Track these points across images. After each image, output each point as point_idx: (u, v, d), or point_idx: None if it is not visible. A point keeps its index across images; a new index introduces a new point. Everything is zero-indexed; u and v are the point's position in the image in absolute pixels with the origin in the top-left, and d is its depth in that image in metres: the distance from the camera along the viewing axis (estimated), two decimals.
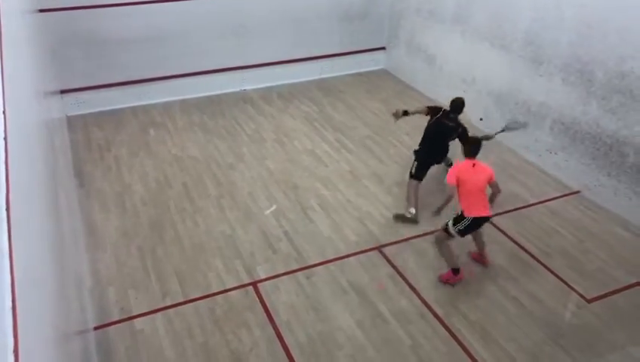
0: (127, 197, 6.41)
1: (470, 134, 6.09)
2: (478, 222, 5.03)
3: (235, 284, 5.19)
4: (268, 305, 4.96)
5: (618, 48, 5.95)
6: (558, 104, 6.81)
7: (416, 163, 6.23)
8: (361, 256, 5.61)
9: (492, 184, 5.06)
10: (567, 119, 6.72)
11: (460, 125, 6.13)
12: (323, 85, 9.65)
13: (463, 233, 5.05)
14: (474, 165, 5.02)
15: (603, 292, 5.18)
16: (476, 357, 4.50)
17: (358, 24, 9.82)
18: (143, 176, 6.83)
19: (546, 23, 6.77)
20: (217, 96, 8.99)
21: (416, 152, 6.37)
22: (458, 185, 4.97)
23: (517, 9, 7.19)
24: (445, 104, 8.79)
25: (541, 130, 7.09)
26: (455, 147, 6.21)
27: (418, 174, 6.18)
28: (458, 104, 6.20)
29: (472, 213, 4.96)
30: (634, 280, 5.33)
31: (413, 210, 6.05)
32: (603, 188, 6.41)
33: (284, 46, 9.33)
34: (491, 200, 5.13)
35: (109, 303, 4.94)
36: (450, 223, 5.07)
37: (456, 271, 5.18)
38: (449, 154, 6.50)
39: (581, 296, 5.15)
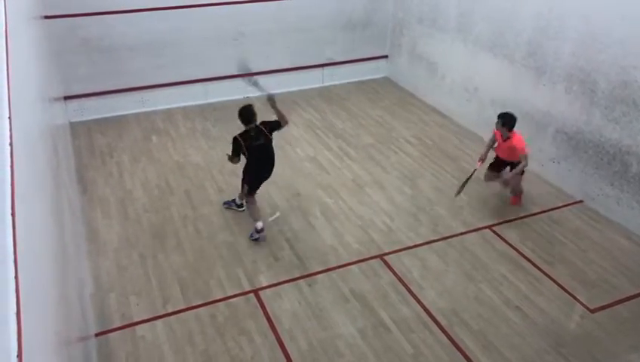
0: (130, 204, 6.42)
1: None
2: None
3: (237, 291, 5.18)
4: (269, 312, 4.95)
5: (621, 58, 5.96)
6: (561, 114, 6.82)
7: (247, 187, 5.83)
8: (363, 264, 5.60)
9: None
10: (571, 129, 6.72)
11: (265, 134, 5.68)
12: (326, 93, 9.68)
13: None
14: None
15: (606, 302, 5.16)
16: None
17: (361, 33, 9.87)
18: (145, 183, 6.84)
19: (549, 32, 6.79)
20: (220, 103, 9.01)
21: (244, 179, 5.89)
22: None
23: (520, 19, 7.21)
24: (447, 113, 8.87)
25: (544, 140, 7.09)
26: None
27: (252, 192, 5.88)
28: (246, 116, 5.60)
29: None
30: (637, 291, 5.31)
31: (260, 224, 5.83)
32: (606, 198, 6.40)
33: (287, 54, 9.37)
34: None
35: (111, 309, 4.93)
36: None
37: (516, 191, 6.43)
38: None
39: (584, 305, 5.13)
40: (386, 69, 10.38)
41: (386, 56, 10.30)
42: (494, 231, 6.13)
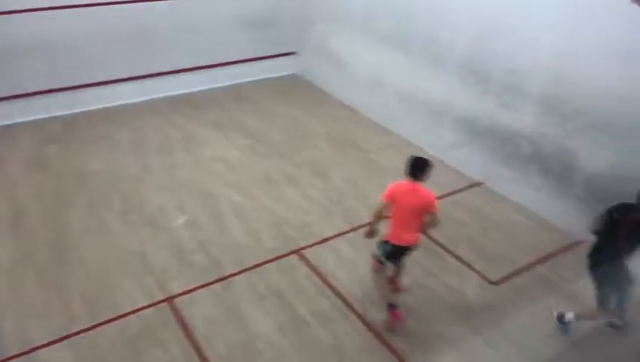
0: (23, 219, 5.94)
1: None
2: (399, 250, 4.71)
3: (148, 302, 4.95)
4: (185, 320, 4.79)
5: (507, 47, 6.38)
6: (458, 102, 7.19)
7: None
8: (279, 260, 5.57)
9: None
10: (468, 116, 7.10)
11: None
12: (233, 92, 9.53)
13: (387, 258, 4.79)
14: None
15: (506, 274, 5.51)
16: (396, 349, 4.60)
17: (266, 30, 9.79)
18: (40, 195, 6.36)
19: (443, 25, 7.13)
20: (122, 106, 8.59)
21: None
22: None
23: (416, 14, 7.51)
24: (355, 107, 9.05)
25: (443, 127, 7.45)
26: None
27: None
28: None
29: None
30: (532, 261, 5.72)
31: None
32: (502, 179, 6.84)
33: (190, 53, 9.10)
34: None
35: (5, 336, 4.53)
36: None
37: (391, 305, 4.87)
38: None
39: (486, 278, 5.44)
40: (295, 66, 10.41)
41: (293, 53, 10.32)
42: None
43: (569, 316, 4.76)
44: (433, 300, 5.16)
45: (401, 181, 4.56)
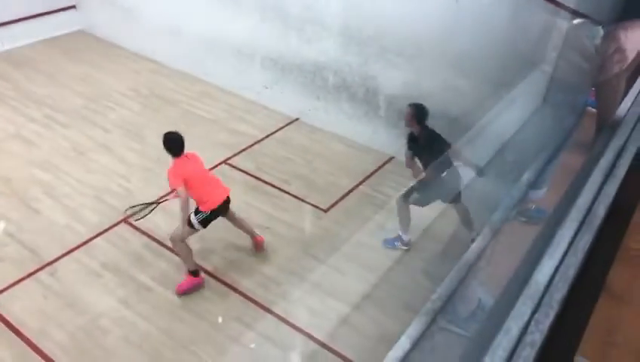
0: None
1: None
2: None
3: None
4: (9, 319, 4.26)
5: None
6: (263, 41, 7.23)
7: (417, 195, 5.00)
8: (107, 233, 5.21)
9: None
10: (274, 54, 7.21)
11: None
12: (11, 57, 8.27)
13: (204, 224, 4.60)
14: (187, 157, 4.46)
15: (334, 200, 5.94)
16: (246, 291, 4.72)
17: None
18: None
19: None
20: None
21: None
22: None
23: None
24: (160, 60, 8.53)
25: (253, 69, 7.48)
26: None
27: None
28: None
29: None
30: (354, 184, 6.24)
31: None
32: (316, 111, 7.19)
33: None
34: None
35: None
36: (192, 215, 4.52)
37: (195, 272, 4.69)
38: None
39: (319, 208, 5.81)
40: (79, 22, 9.33)
41: (74, 7, 9.21)
42: (231, 165, 6.36)
43: (403, 238, 5.21)
44: (276, 239, 5.33)
45: (174, 162, 4.37)
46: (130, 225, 5.33)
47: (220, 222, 4.76)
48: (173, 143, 4.36)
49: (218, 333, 4.32)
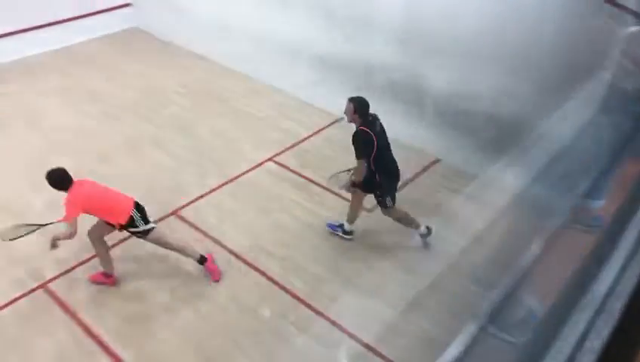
0: None
1: None
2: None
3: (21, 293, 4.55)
4: (68, 303, 4.49)
5: None
6: (310, 41, 7.29)
7: (389, 199, 5.09)
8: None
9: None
10: (321, 52, 7.26)
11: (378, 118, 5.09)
12: (71, 54, 8.64)
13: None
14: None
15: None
16: (295, 291, 4.79)
17: None
18: None
19: None
20: None
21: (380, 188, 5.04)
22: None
23: None
24: (209, 56, 8.73)
25: (300, 67, 7.55)
26: None
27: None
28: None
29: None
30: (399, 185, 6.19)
31: None
32: None
33: (11, 13, 7.97)
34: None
35: None
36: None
37: (108, 275, 4.70)
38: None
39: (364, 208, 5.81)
40: (134, 19, 9.65)
41: (129, 5, 9.53)
42: (276, 162, 6.45)
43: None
44: (321, 237, 5.34)
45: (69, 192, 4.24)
46: (180, 217, 5.49)
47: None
48: (59, 178, 4.18)
49: (262, 326, 4.41)
